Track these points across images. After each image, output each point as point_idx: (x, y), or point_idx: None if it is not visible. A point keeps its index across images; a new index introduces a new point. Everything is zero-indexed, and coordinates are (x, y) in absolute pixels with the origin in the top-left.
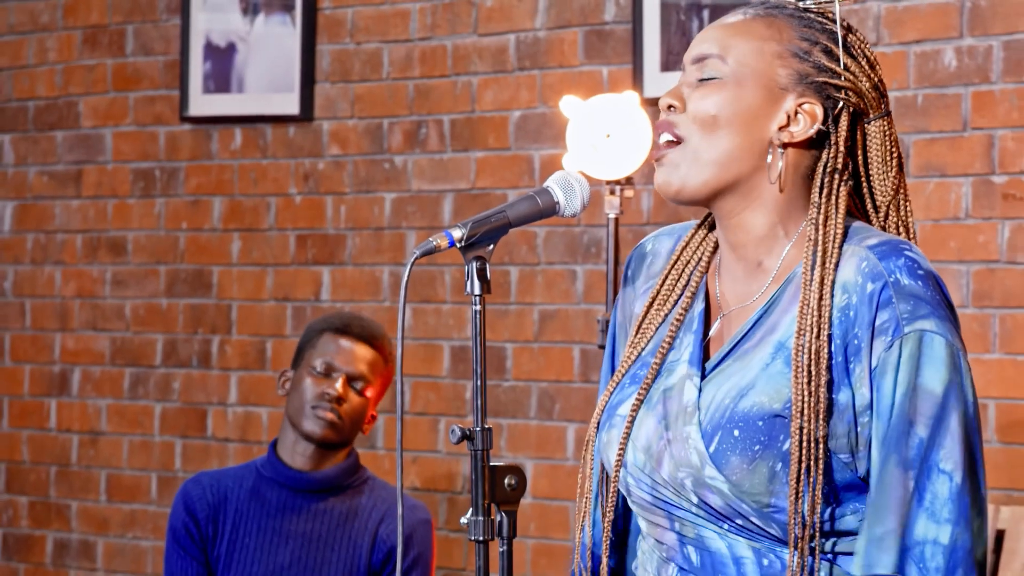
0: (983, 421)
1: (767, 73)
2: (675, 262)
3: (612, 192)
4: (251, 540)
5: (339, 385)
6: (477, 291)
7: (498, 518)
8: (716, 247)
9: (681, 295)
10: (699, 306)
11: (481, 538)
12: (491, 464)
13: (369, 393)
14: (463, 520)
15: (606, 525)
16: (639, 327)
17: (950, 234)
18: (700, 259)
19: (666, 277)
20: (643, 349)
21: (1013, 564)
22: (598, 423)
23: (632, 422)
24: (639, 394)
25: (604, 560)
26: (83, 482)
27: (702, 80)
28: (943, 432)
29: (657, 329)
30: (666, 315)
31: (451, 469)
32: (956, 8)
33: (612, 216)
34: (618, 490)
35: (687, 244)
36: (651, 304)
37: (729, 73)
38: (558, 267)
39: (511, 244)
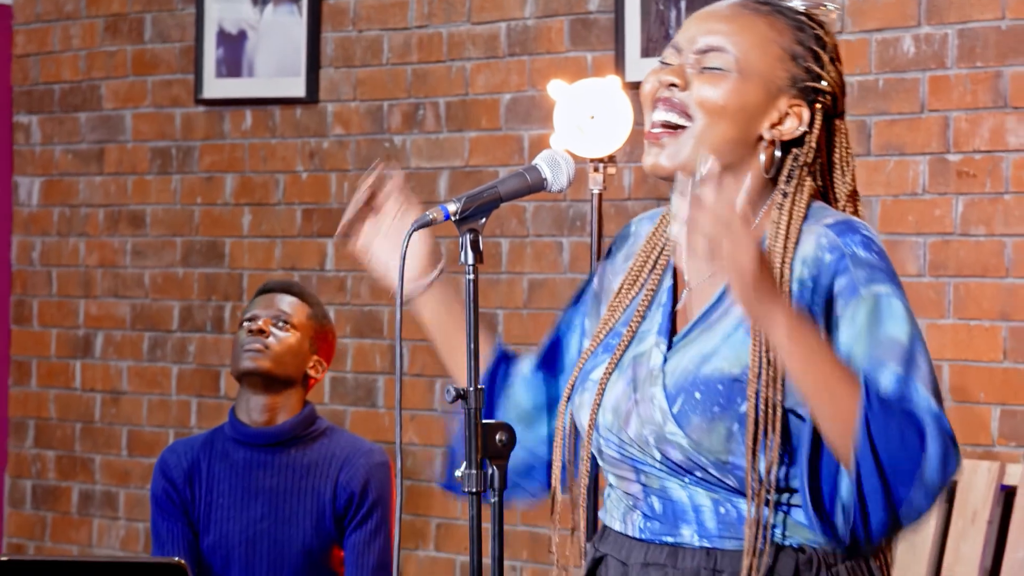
0: (939, 383)
1: (769, 74)
2: (649, 242)
3: (596, 169)
4: (224, 499)
5: (261, 322)
6: (470, 261)
7: (490, 471)
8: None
9: (651, 272)
10: (667, 282)
11: (474, 490)
12: (483, 422)
13: (296, 331)
14: (458, 473)
15: (581, 482)
16: (613, 301)
17: (908, 208)
18: (670, 240)
19: (648, 256)
20: (616, 321)
21: (965, 512)
22: (572, 387)
23: (604, 387)
24: (611, 361)
25: (581, 510)
26: (106, 438)
27: (708, 68)
28: (915, 370)
29: (630, 303)
30: (639, 290)
31: (443, 426)
32: None
33: (596, 192)
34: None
35: (659, 226)
36: (626, 280)
37: (736, 67)
38: (546, 239)
39: (502, 217)
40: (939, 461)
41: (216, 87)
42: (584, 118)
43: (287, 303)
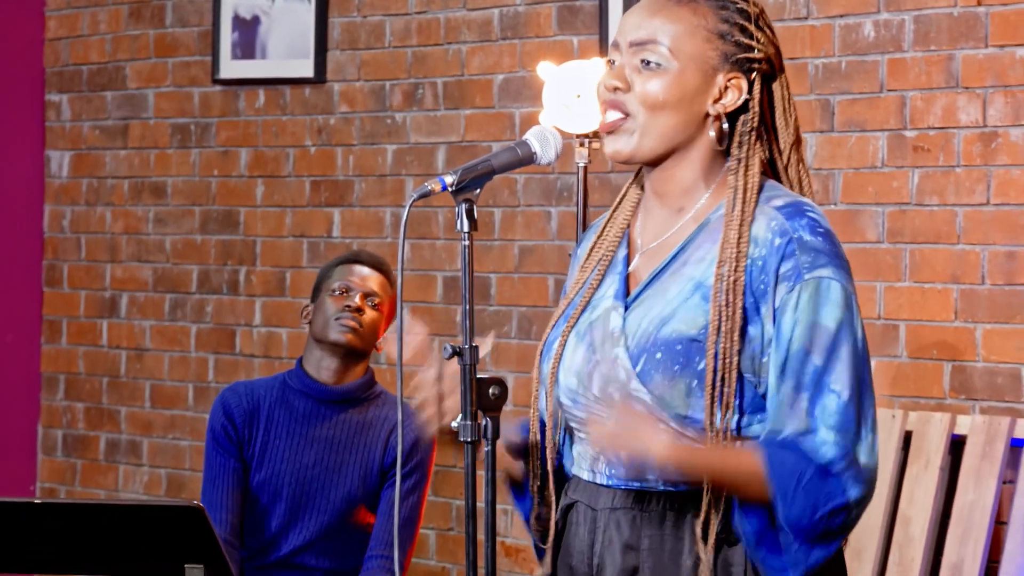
0: (895, 341)
1: (700, 56)
2: (605, 225)
3: (581, 144)
4: (280, 442)
5: (357, 299)
6: (466, 229)
7: (484, 422)
8: (639, 201)
9: (607, 247)
10: (622, 252)
11: (469, 439)
12: (478, 376)
13: (381, 311)
14: (454, 424)
15: (551, 438)
16: (576, 279)
17: (868, 180)
18: (625, 215)
19: (598, 238)
20: (575, 293)
21: (919, 459)
22: (540, 357)
23: (560, 353)
24: (567, 327)
25: (550, 467)
26: (130, 391)
27: (645, 64)
28: (835, 360)
29: (587, 278)
30: (594, 266)
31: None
32: None
33: (581, 165)
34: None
35: (617, 206)
36: (586, 259)
37: (669, 59)
38: (535, 208)
39: (495, 188)
40: (846, 495)
41: (232, 68)
42: (570, 97)
43: (378, 283)
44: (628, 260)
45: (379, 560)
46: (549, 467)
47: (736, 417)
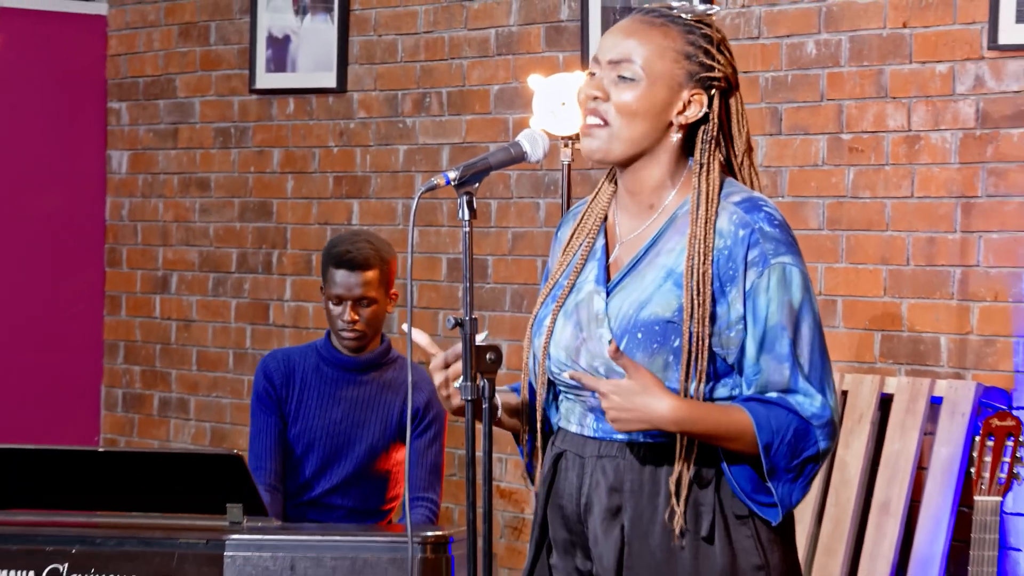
0: (833, 313)
1: (669, 73)
2: (583, 215)
3: (566, 145)
4: (312, 401)
5: (348, 314)
6: (466, 217)
7: (482, 384)
8: (612, 195)
9: (586, 236)
10: (600, 241)
11: (469, 398)
12: (477, 344)
13: (377, 299)
14: (456, 384)
15: (540, 400)
16: (559, 260)
17: (811, 176)
18: (602, 207)
19: (577, 225)
20: (560, 276)
21: (853, 415)
22: (530, 332)
23: (552, 330)
24: (556, 307)
25: (539, 424)
26: (179, 356)
27: (621, 78)
28: (801, 333)
29: (570, 262)
30: (576, 251)
31: (446, 348)
32: (815, 11)
33: (566, 163)
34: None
35: (594, 198)
36: (567, 246)
37: (642, 75)
38: (526, 200)
39: (491, 183)
40: (818, 445)
41: (266, 80)
42: (556, 105)
43: (367, 281)
44: (607, 249)
45: (419, 502)
46: (538, 425)
47: (707, 384)
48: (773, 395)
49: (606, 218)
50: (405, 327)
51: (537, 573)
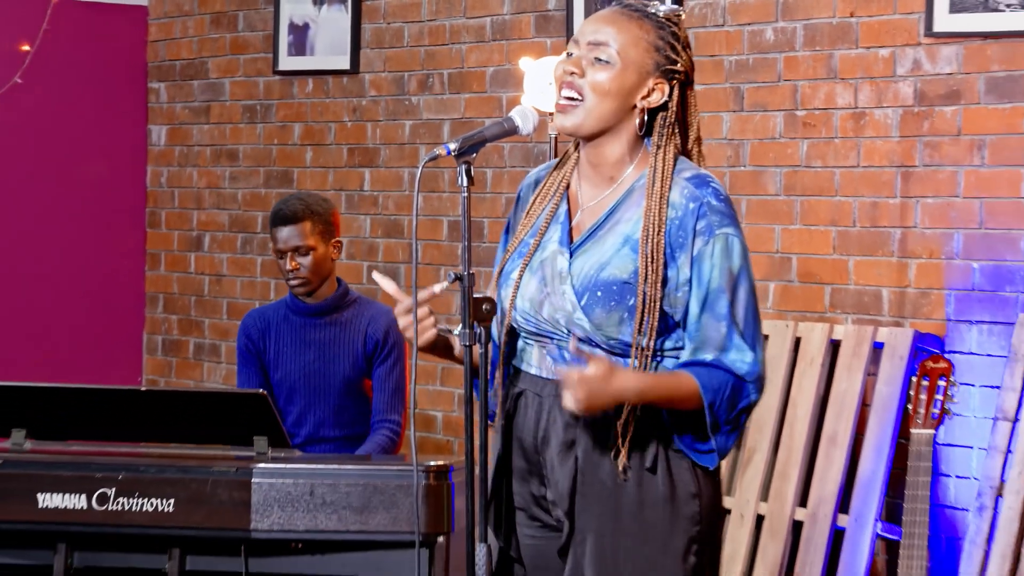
0: (788, 269)
1: (640, 61)
2: (547, 180)
3: (552, 119)
4: (287, 349)
5: (288, 263)
6: (465, 184)
7: (478, 331)
8: (575, 165)
9: (551, 199)
10: (564, 206)
11: (467, 343)
12: (474, 296)
13: (315, 247)
14: (455, 331)
15: (502, 344)
16: (523, 222)
17: (769, 148)
18: (565, 175)
19: (542, 188)
20: (525, 234)
21: (805, 358)
22: (497, 283)
23: (519, 283)
24: (523, 263)
25: (500, 364)
26: (212, 307)
27: (598, 60)
28: (738, 296)
29: (534, 222)
30: (540, 213)
31: (448, 299)
32: (773, 2)
33: (553, 135)
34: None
35: (558, 166)
36: (531, 207)
37: (617, 59)
38: (518, 168)
39: (487, 153)
40: (750, 398)
41: (288, 62)
42: (544, 84)
43: (300, 232)
44: (570, 214)
45: (381, 424)
46: (500, 365)
47: (657, 339)
48: (709, 357)
49: (568, 185)
50: (375, 276)
51: (496, 498)
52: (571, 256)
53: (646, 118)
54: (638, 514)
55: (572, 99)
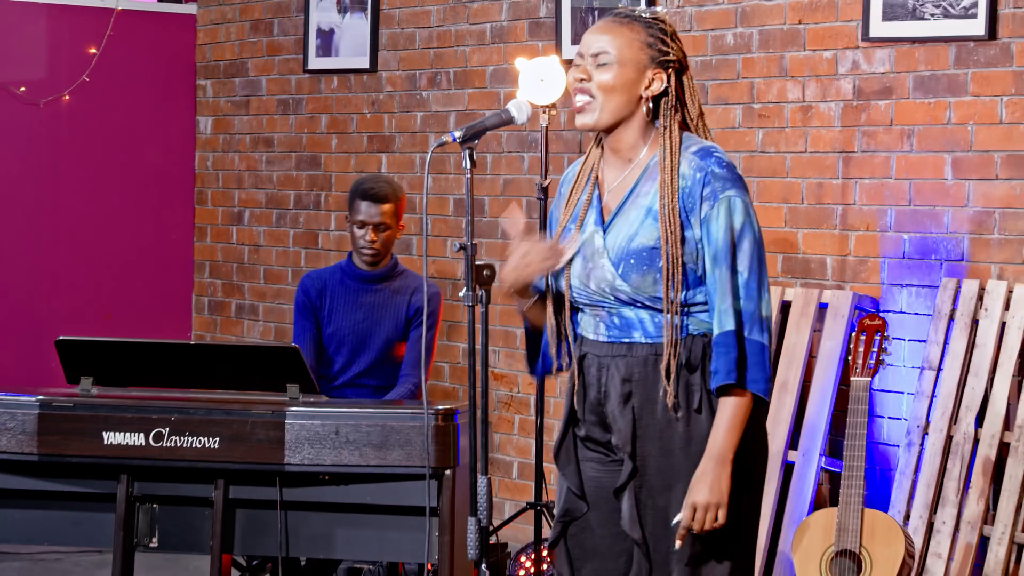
0: None
1: (636, 58)
2: (579, 174)
3: (543, 111)
4: (340, 308)
5: (369, 235)
6: (469, 167)
7: (480, 293)
8: (600, 157)
9: (584, 190)
10: (596, 192)
11: (471, 304)
12: (476, 263)
13: (392, 226)
14: (460, 294)
15: (566, 319)
16: (563, 212)
17: (729, 136)
18: (592, 165)
19: (575, 183)
20: (568, 221)
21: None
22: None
23: (570, 264)
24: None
25: (569, 334)
26: (251, 272)
27: (600, 64)
28: (741, 250)
29: (573, 211)
30: (577, 202)
31: (454, 266)
32: (733, 11)
33: (544, 125)
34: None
35: (586, 159)
36: (568, 199)
37: (616, 60)
38: (514, 154)
39: (487, 140)
40: (764, 344)
41: (316, 62)
42: (537, 81)
43: (383, 212)
44: (600, 197)
45: (406, 378)
46: (568, 334)
47: (684, 293)
48: (727, 329)
49: (597, 175)
50: (511, 210)
51: (566, 444)
52: (605, 233)
53: (651, 105)
54: (687, 448)
55: (585, 101)
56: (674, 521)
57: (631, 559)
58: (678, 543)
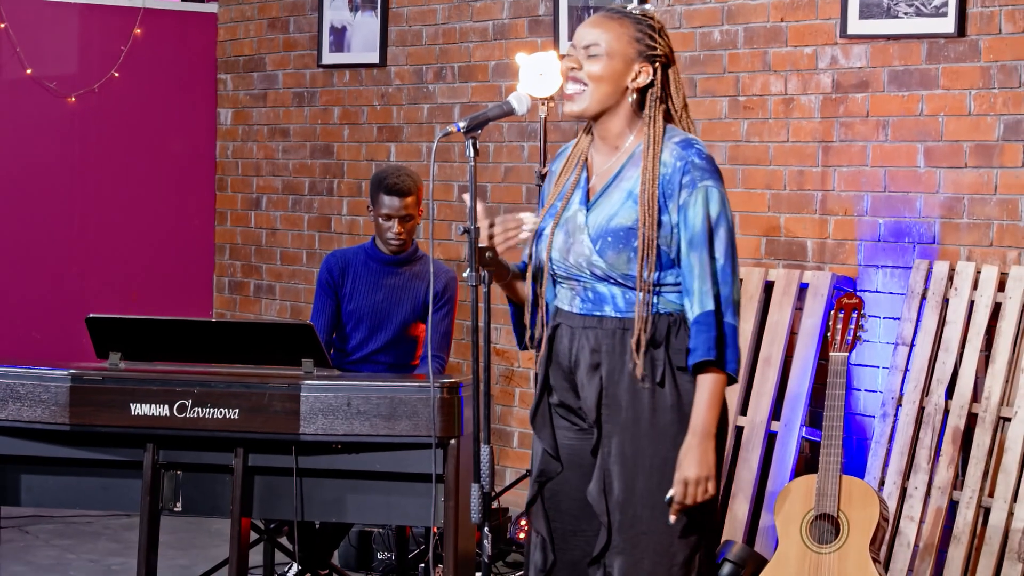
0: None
1: (624, 52)
2: (568, 157)
3: (542, 104)
4: (361, 287)
5: (396, 227)
6: (472, 155)
7: (484, 274)
8: (590, 143)
9: (573, 171)
10: (583, 174)
11: (474, 284)
12: (479, 245)
13: (413, 215)
14: (464, 275)
15: (542, 289)
16: (552, 190)
17: (716, 127)
18: (582, 150)
19: (565, 164)
20: (554, 199)
21: (746, 296)
22: (535, 239)
23: (551, 238)
24: (554, 222)
25: (541, 304)
26: (268, 254)
27: (591, 55)
28: (718, 238)
29: (561, 189)
30: (566, 182)
31: (458, 248)
32: (720, 9)
33: (543, 116)
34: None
35: (577, 144)
36: (558, 177)
37: (605, 52)
38: (514, 143)
39: (490, 131)
40: (735, 326)
41: (329, 58)
42: (536, 75)
43: (407, 204)
44: (588, 179)
45: (435, 358)
46: (542, 303)
47: (656, 273)
48: (702, 310)
49: (586, 158)
50: (527, 216)
51: (541, 409)
52: (587, 212)
53: (638, 96)
54: (651, 418)
55: (576, 89)
56: (667, 497)
57: None
58: (672, 518)
